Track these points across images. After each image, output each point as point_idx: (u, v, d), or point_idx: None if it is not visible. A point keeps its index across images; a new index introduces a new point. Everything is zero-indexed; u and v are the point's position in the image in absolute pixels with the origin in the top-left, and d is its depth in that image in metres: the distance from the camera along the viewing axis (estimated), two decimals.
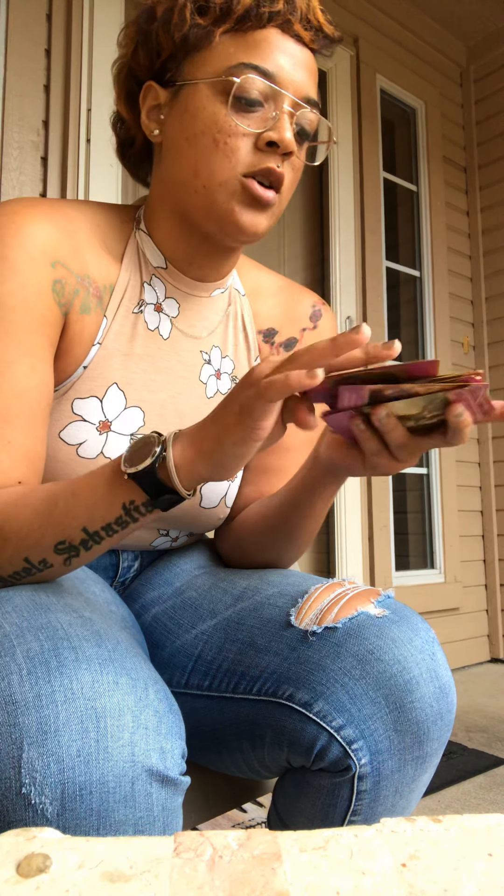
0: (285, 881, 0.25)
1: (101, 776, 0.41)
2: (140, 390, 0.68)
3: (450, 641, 2.72)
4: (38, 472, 0.60)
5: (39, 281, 0.60)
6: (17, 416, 0.58)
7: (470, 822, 0.29)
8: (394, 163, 3.00)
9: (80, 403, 0.65)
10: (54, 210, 0.63)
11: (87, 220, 0.66)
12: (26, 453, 0.58)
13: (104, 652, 0.46)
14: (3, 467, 0.57)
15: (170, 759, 0.45)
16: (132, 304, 0.68)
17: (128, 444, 0.67)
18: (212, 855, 0.27)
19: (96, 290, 0.65)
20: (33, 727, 0.41)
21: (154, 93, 0.65)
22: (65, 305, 0.62)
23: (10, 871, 0.25)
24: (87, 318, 0.64)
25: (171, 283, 0.70)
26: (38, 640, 0.45)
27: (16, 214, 0.61)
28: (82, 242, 0.64)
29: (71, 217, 0.64)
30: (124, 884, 0.25)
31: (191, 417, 0.71)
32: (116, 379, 0.66)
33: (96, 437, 0.65)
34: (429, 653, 0.59)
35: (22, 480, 0.58)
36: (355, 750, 0.56)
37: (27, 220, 0.61)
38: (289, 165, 0.63)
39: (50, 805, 0.40)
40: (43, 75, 1.76)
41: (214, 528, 0.78)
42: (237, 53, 0.60)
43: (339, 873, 0.26)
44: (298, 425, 0.50)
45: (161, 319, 0.69)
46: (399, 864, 0.26)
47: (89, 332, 0.65)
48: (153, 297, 0.69)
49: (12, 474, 0.57)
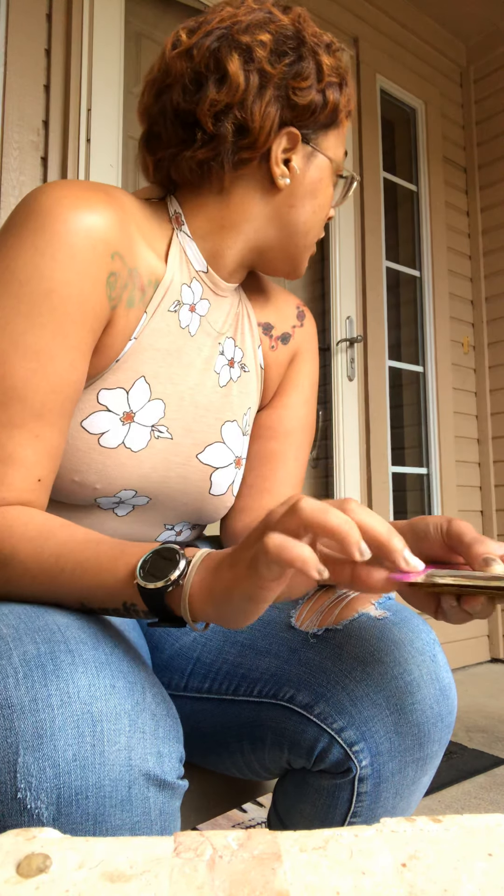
0: (285, 881, 0.25)
1: (97, 781, 0.41)
2: (164, 383, 0.68)
3: (450, 641, 2.71)
4: (56, 468, 0.59)
5: (97, 272, 0.58)
6: (50, 412, 0.57)
7: (470, 822, 0.29)
8: (394, 163, 3.00)
9: (105, 394, 0.64)
10: (110, 197, 0.61)
11: (135, 210, 0.65)
12: (51, 449, 0.57)
13: (101, 655, 0.46)
14: (28, 462, 0.56)
15: (167, 762, 0.45)
16: (170, 303, 0.67)
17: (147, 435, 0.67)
18: (212, 855, 0.27)
19: (141, 285, 0.64)
20: (29, 731, 0.40)
21: (293, 139, 0.67)
22: (115, 300, 0.61)
23: (10, 872, 0.25)
24: (132, 311, 0.64)
25: (208, 286, 0.71)
26: (35, 642, 0.45)
27: (77, 199, 0.57)
28: (134, 233, 0.63)
29: (125, 206, 0.63)
30: (124, 884, 0.25)
31: (205, 408, 0.72)
32: (145, 372, 0.66)
33: (119, 428, 0.64)
34: (429, 655, 0.59)
35: (42, 478, 0.57)
36: (356, 752, 0.56)
37: (90, 206, 0.58)
38: None
39: (46, 810, 0.39)
40: (43, 75, 1.76)
41: (219, 518, 0.78)
42: (339, 146, 0.72)
43: (339, 873, 0.26)
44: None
45: (192, 318, 0.70)
46: (399, 864, 0.26)
47: (130, 327, 0.64)
48: (190, 297, 0.69)
49: (35, 471, 0.56)
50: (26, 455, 0.56)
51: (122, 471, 0.64)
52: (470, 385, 3.07)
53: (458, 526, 0.52)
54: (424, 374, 2.89)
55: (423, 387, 2.90)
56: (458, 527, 0.52)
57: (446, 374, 2.91)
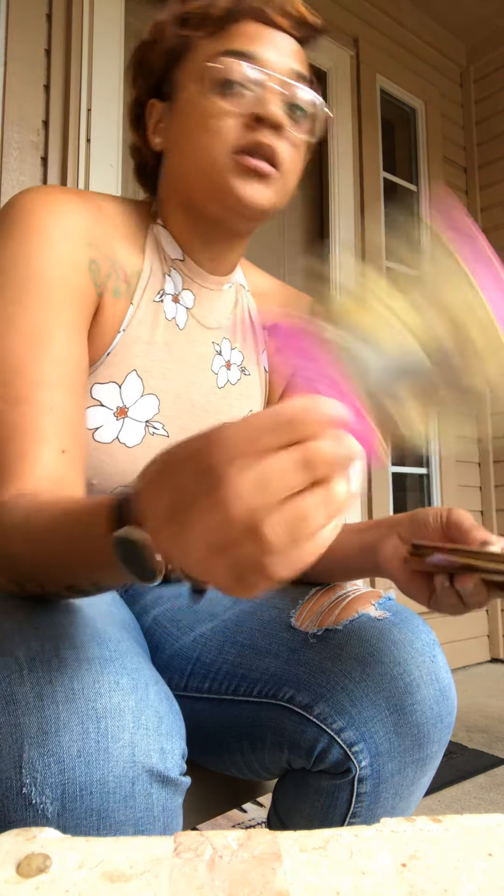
0: (285, 881, 0.25)
1: (101, 776, 0.41)
2: (157, 378, 0.68)
3: (450, 641, 2.71)
4: (81, 442, 0.58)
5: (76, 257, 0.60)
6: (59, 383, 0.56)
7: (470, 822, 0.29)
8: (394, 163, 2.99)
9: (99, 388, 0.65)
10: (83, 196, 0.65)
11: (112, 210, 0.68)
12: (68, 421, 0.56)
13: (105, 652, 0.46)
14: (46, 434, 0.54)
15: (170, 759, 0.45)
16: (154, 293, 0.68)
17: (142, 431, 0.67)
18: (212, 855, 0.27)
19: (125, 276, 0.66)
20: (34, 727, 0.41)
21: (155, 109, 0.69)
22: (100, 286, 0.63)
23: (10, 871, 0.25)
24: (119, 302, 0.65)
25: (188, 276, 0.71)
26: (40, 639, 0.45)
27: (50, 195, 0.62)
28: (110, 229, 0.66)
29: (99, 204, 0.66)
30: (124, 884, 0.25)
31: (203, 408, 0.72)
32: (136, 366, 0.66)
33: (113, 423, 0.65)
34: (429, 655, 0.59)
35: (65, 449, 0.55)
36: (356, 752, 0.56)
37: (62, 201, 0.62)
38: (285, 142, 0.64)
39: (50, 805, 0.40)
40: (43, 75, 1.76)
41: None
42: (218, 48, 0.63)
43: (339, 873, 0.26)
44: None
45: (178, 310, 0.70)
46: (399, 864, 0.26)
47: (118, 318, 0.65)
48: (172, 287, 0.70)
49: (55, 442, 0.54)
50: (42, 427, 0.54)
51: (117, 467, 0.65)
52: None
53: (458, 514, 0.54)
54: None
55: None
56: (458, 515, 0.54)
57: None
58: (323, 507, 0.29)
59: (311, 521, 0.29)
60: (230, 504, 0.28)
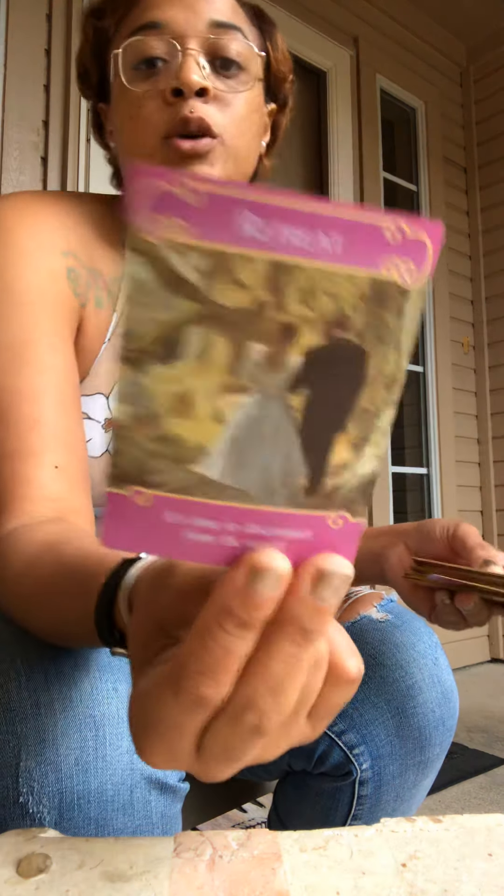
0: (285, 881, 0.25)
1: (99, 785, 0.40)
2: None
3: (450, 641, 2.71)
4: (77, 454, 0.54)
5: (52, 265, 0.58)
6: (44, 394, 0.52)
7: (470, 822, 0.29)
8: (394, 163, 2.99)
9: (86, 401, 0.63)
10: (57, 202, 0.63)
11: (88, 212, 0.66)
12: (57, 433, 0.52)
13: (103, 658, 0.45)
14: (34, 449, 0.51)
15: None
16: None
17: None
18: (212, 855, 0.27)
19: (105, 284, 0.64)
20: (31, 736, 0.40)
21: (104, 113, 0.66)
22: (81, 296, 0.61)
23: (10, 872, 0.25)
24: (101, 312, 0.63)
25: None
26: (37, 646, 0.45)
27: (22, 203, 0.60)
28: (87, 234, 0.63)
29: (76, 209, 0.64)
30: (124, 884, 0.25)
31: None
32: None
33: (102, 435, 0.64)
34: (431, 658, 0.59)
35: (59, 464, 0.51)
36: (357, 755, 0.56)
37: (34, 210, 0.60)
38: (215, 104, 0.58)
39: (48, 814, 0.39)
40: (43, 75, 1.76)
41: None
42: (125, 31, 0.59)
43: (339, 873, 0.26)
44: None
45: None
46: (399, 863, 0.26)
47: (103, 328, 0.64)
48: None
49: (47, 458, 0.51)
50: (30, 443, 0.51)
51: None
52: (470, 385, 3.07)
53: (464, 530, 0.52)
54: (424, 373, 2.89)
55: (424, 387, 2.90)
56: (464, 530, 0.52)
57: (446, 374, 2.91)
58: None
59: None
60: None
